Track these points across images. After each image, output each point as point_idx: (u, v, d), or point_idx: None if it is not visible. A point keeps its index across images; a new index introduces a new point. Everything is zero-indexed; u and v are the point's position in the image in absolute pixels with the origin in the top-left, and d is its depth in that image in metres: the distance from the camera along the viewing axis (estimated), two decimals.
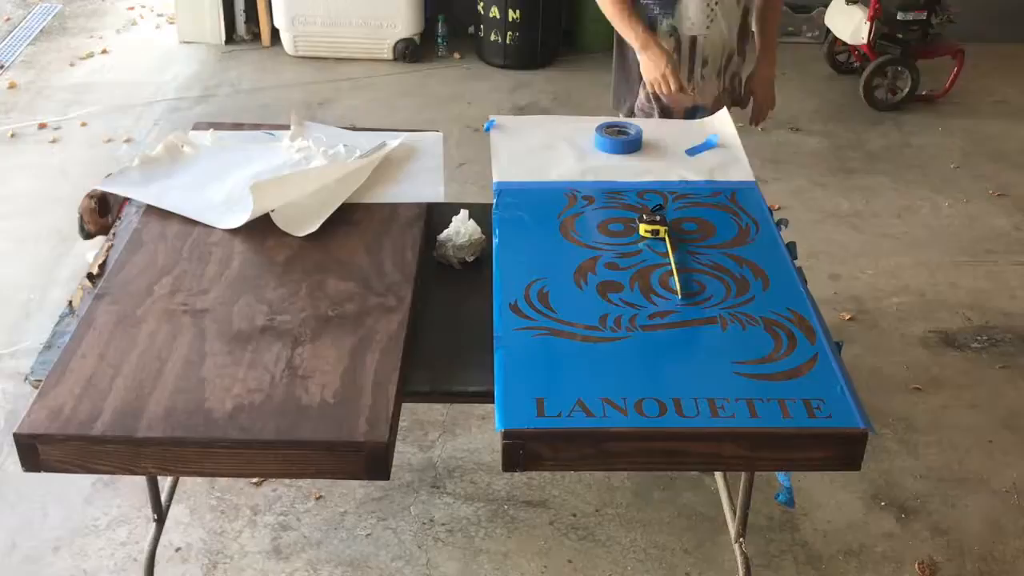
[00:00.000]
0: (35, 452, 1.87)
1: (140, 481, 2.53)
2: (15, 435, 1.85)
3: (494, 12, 5.90)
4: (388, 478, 1.91)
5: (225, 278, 2.29)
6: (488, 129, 2.95)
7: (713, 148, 2.87)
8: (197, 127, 2.96)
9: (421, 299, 2.33)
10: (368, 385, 1.98)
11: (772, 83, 3.32)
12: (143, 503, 2.84)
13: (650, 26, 3.07)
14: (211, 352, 2.05)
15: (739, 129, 2.90)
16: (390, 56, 6.05)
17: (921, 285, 4.11)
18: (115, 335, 2.09)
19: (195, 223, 2.48)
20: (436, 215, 2.77)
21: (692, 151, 2.85)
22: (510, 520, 2.97)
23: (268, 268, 2.33)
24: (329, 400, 1.94)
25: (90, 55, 6.09)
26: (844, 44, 5.85)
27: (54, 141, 5.05)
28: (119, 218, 2.62)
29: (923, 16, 5.39)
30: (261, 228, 2.44)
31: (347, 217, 2.53)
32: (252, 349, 2.06)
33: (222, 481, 3.06)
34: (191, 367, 2.01)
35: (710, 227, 2.55)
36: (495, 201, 2.62)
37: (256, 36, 6.30)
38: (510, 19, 5.87)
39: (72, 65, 5.96)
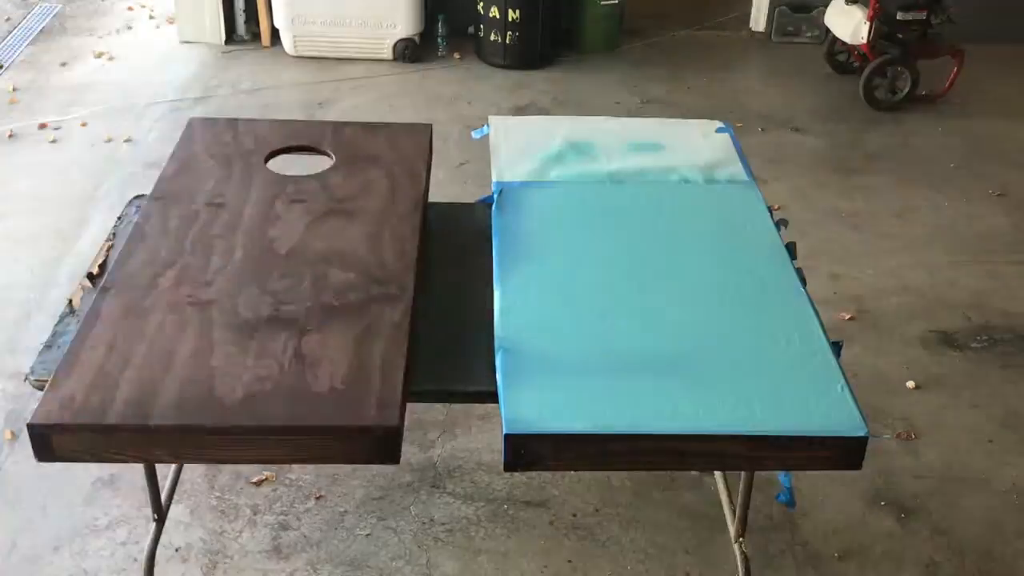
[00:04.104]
0: (49, 442, 1.88)
1: (140, 481, 2.53)
2: (29, 425, 1.86)
3: (494, 12, 5.89)
4: (398, 462, 1.92)
5: (229, 270, 2.30)
6: (478, 136, 2.95)
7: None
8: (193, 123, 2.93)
9: (421, 298, 2.33)
10: (375, 371, 1.99)
11: None
12: (143, 503, 2.84)
13: None
14: (219, 341, 2.06)
15: (738, 129, 2.91)
16: (390, 56, 6.05)
17: (921, 285, 4.11)
18: (122, 327, 2.10)
19: (197, 216, 2.48)
20: (437, 215, 2.77)
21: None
22: (510, 520, 2.97)
23: (271, 260, 2.34)
24: (339, 387, 1.95)
25: (90, 55, 6.08)
26: (844, 44, 5.84)
27: (54, 141, 5.05)
28: (119, 218, 2.62)
29: (923, 16, 5.39)
30: (260, 222, 2.44)
31: (345, 208, 2.55)
32: (259, 338, 2.07)
33: (222, 481, 3.06)
34: (200, 356, 2.02)
35: (710, 227, 2.55)
36: (495, 201, 2.62)
37: (256, 36, 6.30)
38: (510, 19, 5.87)
39: (72, 65, 5.96)
